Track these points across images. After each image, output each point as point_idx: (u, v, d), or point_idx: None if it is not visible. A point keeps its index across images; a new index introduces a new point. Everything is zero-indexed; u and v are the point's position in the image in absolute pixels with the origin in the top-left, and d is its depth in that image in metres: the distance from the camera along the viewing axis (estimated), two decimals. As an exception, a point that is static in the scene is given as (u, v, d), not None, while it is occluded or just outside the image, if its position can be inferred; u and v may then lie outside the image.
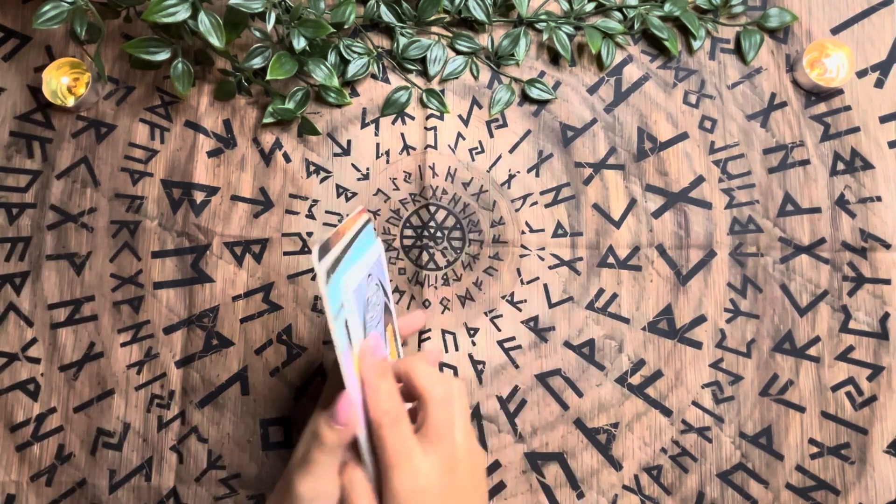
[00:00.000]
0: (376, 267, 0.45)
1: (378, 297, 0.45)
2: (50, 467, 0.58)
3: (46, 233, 0.60)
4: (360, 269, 0.41)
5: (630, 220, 0.60)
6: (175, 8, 0.51)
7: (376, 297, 0.45)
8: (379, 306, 0.45)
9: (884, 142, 0.61)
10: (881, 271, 0.59)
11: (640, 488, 0.57)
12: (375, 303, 0.44)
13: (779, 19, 0.62)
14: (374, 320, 0.44)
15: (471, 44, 0.62)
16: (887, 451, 0.57)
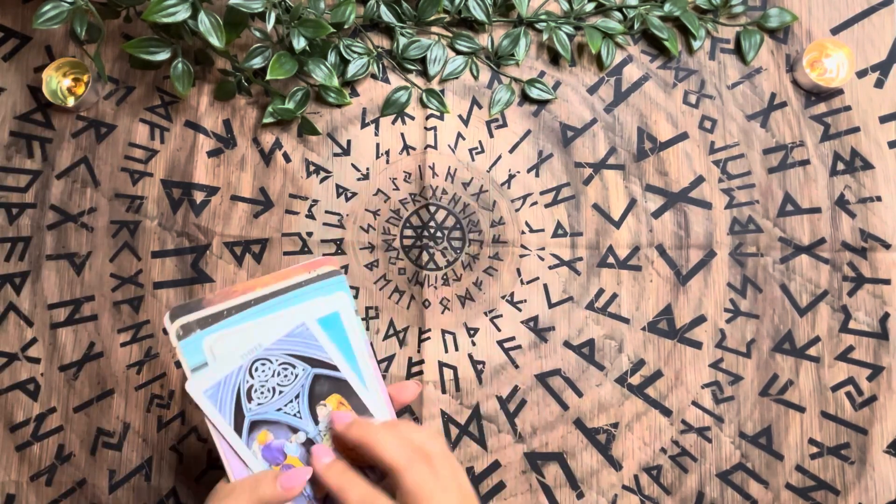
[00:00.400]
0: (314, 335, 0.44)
1: (285, 378, 0.43)
2: (50, 467, 0.58)
3: (46, 233, 0.60)
4: (248, 334, 0.42)
5: (630, 220, 0.60)
6: (175, 8, 0.51)
7: (276, 375, 0.43)
8: (287, 386, 0.43)
9: (884, 142, 0.61)
10: (881, 271, 0.59)
11: (639, 488, 0.57)
12: (274, 382, 0.43)
13: (779, 19, 0.62)
14: (279, 400, 0.43)
15: (471, 44, 0.62)
16: (887, 451, 0.57)
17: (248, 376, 0.43)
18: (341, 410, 0.43)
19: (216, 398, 0.42)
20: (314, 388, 0.43)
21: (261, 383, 0.43)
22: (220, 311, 0.43)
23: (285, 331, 0.43)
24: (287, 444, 0.43)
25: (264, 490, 0.41)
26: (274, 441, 0.43)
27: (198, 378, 0.42)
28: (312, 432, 0.43)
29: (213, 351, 0.42)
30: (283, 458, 0.43)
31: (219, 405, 0.42)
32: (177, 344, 0.42)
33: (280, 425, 0.43)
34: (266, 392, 0.43)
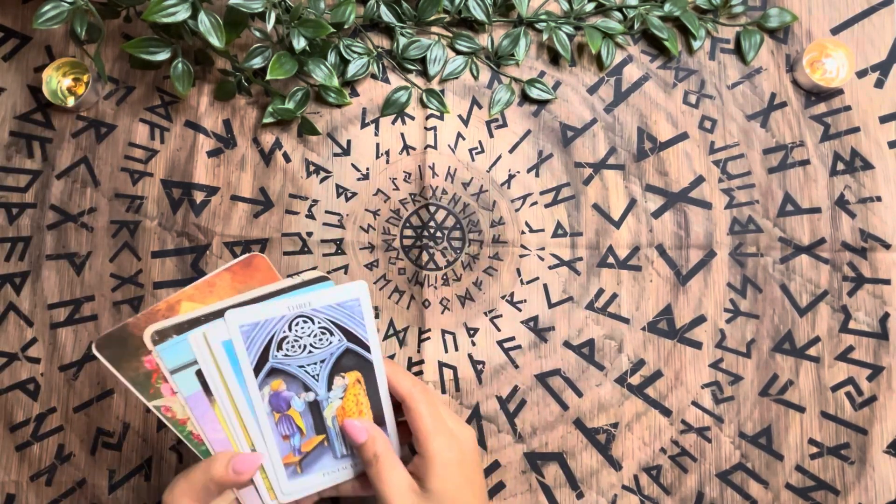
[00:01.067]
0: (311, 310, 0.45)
1: (306, 338, 0.45)
2: (50, 467, 0.58)
3: (46, 233, 0.60)
4: (234, 319, 0.44)
5: (630, 220, 0.60)
6: (175, 8, 0.51)
7: (302, 337, 0.45)
8: (318, 349, 0.45)
9: (884, 142, 0.61)
10: (881, 271, 0.59)
11: (639, 488, 0.57)
12: (304, 343, 0.45)
13: (779, 19, 0.62)
14: (310, 362, 0.45)
15: (471, 44, 0.62)
16: (887, 451, 0.57)
17: (287, 328, 0.44)
18: (358, 398, 0.46)
19: (249, 336, 0.44)
20: (341, 359, 0.45)
21: (296, 338, 0.44)
22: (198, 317, 0.44)
23: (338, 300, 0.45)
24: (295, 398, 0.45)
25: (216, 469, 0.43)
26: (285, 391, 0.45)
27: (236, 315, 0.43)
28: (322, 395, 0.45)
29: (202, 344, 0.44)
30: (287, 408, 0.45)
31: (248, 343, 0.44)
32: (154, 349, 0.43)
33: (295, 381, 0.45)
34: (297, 348, 0.45)
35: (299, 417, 0.45)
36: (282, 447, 0.45)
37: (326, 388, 0.46)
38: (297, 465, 0.45)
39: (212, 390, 0.44)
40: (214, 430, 0.45)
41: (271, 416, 0.45)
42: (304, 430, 0.46)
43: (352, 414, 0.46)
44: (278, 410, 0.45)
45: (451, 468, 0.44)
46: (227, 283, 0.45)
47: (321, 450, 0.46)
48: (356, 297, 0.45)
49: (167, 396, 0.44)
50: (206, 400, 0.44)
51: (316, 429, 0.46)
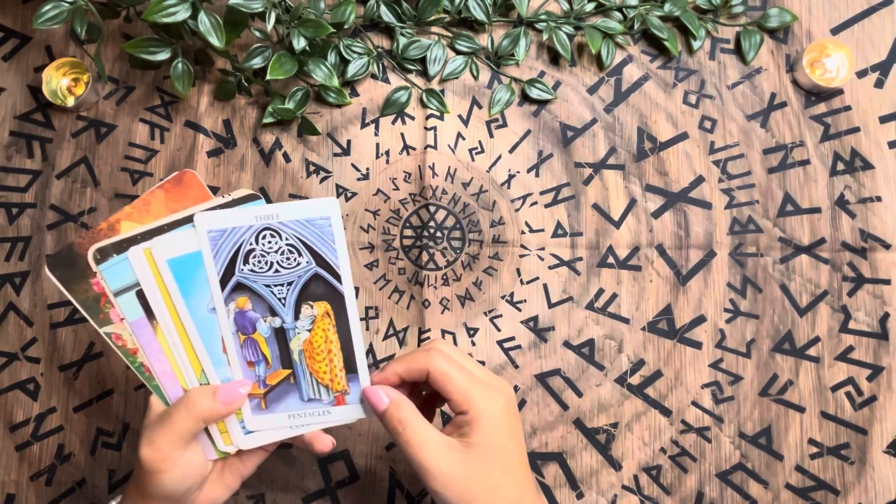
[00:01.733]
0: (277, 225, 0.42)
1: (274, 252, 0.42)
2: (50, 467, 0.58)
3: (46, 233, 0.60)
4: (189, 237, 0.41)
5: (630, 220, 0.60)
6: (175, 8, 0.51)
7: (270, 252, 0.42)
8: (287, 268, 0.42)
9: (884, 142, 0.61)
10: (881, 271, 0.59)
11: (639, 488, 0.57)
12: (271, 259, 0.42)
13: (779, 19, 0.62)
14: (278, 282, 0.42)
15: (471, 44, 0.62)
16: (887, 451, 0.57)
17: (254, 240, 0.42)
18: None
19: (216, 243, 0.41)
20: (309, 285, 0.42)
21: (262, 252, 0.42)
22: (136, 236, 0.42)
23: (307, 216, 0.41)
24: (261, 322, 0.42)
25: (203, 406, 0.41)
26: (251, 311, 0.42)
27: (205, 219, 0.41)
28: (289, 323, 0.43)
29: (144, 264, 0.41)
30: (252, 331, 0.43)
31: (212, 245, 0.41)
32: (98, 269, 0.42)
33: (261, 302, 0.43)
34: (264, 264, 0.42)
35: (265, 343, 0.43)
36: (246, 375, 0.43)
37: (293, 316, 0.43)
38: (262, 399, 0.43)
39: (155, 314, 0.42)
40: (160, 361, 0.43)
41: (236, 336, 0.42)
42: (270, 360, 0.43)
43: (320, 354, 0.43)
44: (243, 332, 0.42)
45: (496, 420, 0.41)
46: (161, 201, 0.43)
47: (287, 387, 0.44)
48: (326, 216, 0.41)
49: (116, 323, 0.42)
50: (150, 326, 0.42)
51: (282, 361, 0.44)
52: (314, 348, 0.44)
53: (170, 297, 0.42)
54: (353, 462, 0.58)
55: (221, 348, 0.43)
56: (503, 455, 0.41)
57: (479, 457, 0.41)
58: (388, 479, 0.57)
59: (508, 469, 0.41)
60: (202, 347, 0.43)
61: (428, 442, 0.41)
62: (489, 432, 0.41)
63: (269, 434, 0.45)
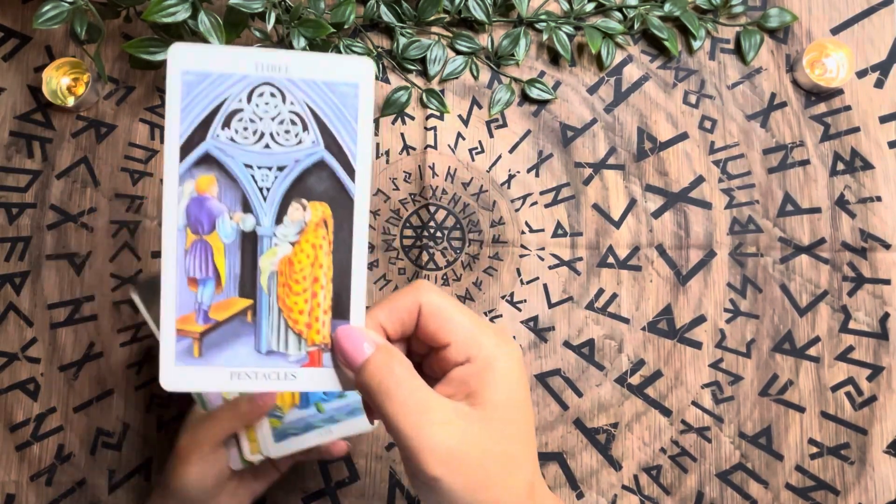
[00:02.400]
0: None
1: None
2: (50, 467, 0.58)
3: (46, 233, 0.60)
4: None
5: (630, 220, 0.60)
6: (175, 8, 0.51)
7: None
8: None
9: (884, 142, 0.61)
10: (881, 271, 0.59)
11: (639, 488, 0.57)
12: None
13: (779, 19, 0.62)
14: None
15: (471, 44, 0.62)
16: (887, 451, 0.57)
17: (245, 97, 0.30)
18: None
19: (190, 91, 0.29)
20: (308, 176, 0.30)
21: (253, 116, 0.30)
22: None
23: (328, 77, 0.30)
24: (224, 217, 0.30)
25: (242, 408, 0.46)
26: (213, 200, 0.30)
27: (181, 52, 0.29)
28: (266, 227, 0.31)
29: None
30: (209, 230, 0.30)
31: (185, 94, 0.29)
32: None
33: (233, 188, 0.30)
34: (251, 134, 0.30)
35: (222, 252, 0.30)
36: (182, 297, 0.30)
37: (274, 218, 0.30)
38: (196, 342, 0.30)
39: None
40: None
41: (183, 233, 0.30)
42: (223, 279, 0.30)
43: (302, 278, 0.31)
44: (194, 230, 0.30)
45: (514, 373, 0.31)
46: None
47: (239, 327, 0.31)
48: (354, 82, 0.30)
49: None
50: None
51: (241, 285, 0.31)
52: (294, 271, 0.31)
53: None
54: (353, 462, 0.58)
55: None
56: (524, 420, 0.31)
57: (496, 426, 0.30)
58: (388, 479, 0.57)
59: (526, 440, 0.31)
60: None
61: (430, 410, 0.29)
62: (507, 389, 0.30)
63: (296, 442, 0.47)
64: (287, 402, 0.48)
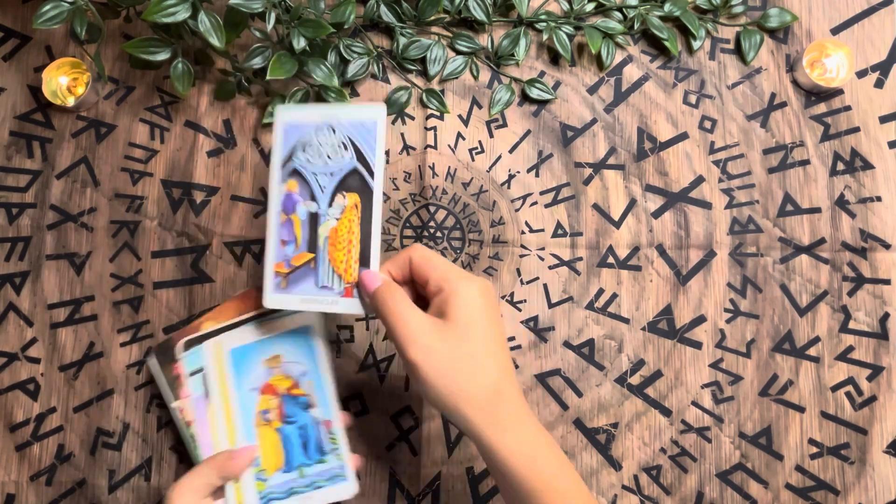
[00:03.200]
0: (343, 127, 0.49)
1: (326, 149, 0.50)
2: (50, 467, 0.58)
3: (46, 233, 0.60)
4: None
5: (630, 220, 0.60)
6: (175, 8, 0.51)
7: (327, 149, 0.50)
8: (334, 160, 0.49)
9: (884, 142, 0.61)
10: (881, 271, 0.59)
11: (639, 488, 0.57)
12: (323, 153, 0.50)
13: (779, 19, 0.62)
14: (326, 173, 0.49)
15: (471, 44, 0.62)
16: (887, 451, 0.57)
17: (314, 134, 0.49)
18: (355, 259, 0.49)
19: (287, 134, 0.50)
20: (347, 178, 0.49)
21: (318, 145, 0.49)
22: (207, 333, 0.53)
23: (360, 117, 0.49)
24: (300, 204, 0.49)
25: (218, 460, 0.50)
26: (296, 194, 0.50)
27: (284, 111, 0.50)
28: (322, 209, 0.49)
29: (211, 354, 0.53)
30: (292, 211, 0.49)
31: (284, 135, 0.50)
32: (181, 356, 0.53)
33: (306, 187, 0.49)
34: (316, 157, 0.49)
35: (299, 225, 0.49)
36: (277, 252, 0.50)
37: (328, 203, 0.49)
38: (284, 279, 0.49)
39: (210, 392, 0.52)
40: (205, 433, 0.52)
41: (279, 215, 0.50)
42: (299, 241, 0.49)
43: (342, 241, 0.48)
44: (285, 211, 0.50)
45: (473, 300, 0.43)
46: (232, 308, 0.54)
47: (307, 271, 0.49)
48: (374, 119, 0.48)
49: (182, 399, 0.53)
50: (205, 402, 0.52)
51: (309, 245, 0.49)
52: (338, 237, 0.49)
53: (224, 379, 0.52)
54: (353, 462, 0.58)
55: (253, 422, 0.52)
56: (484, 333, 0.43)
57: (459, 333, 0.42)
58: (388, 479, 0.57)
59: (490, 349, 0.43)
60: (239, 416, 0.52)
61: (413, 318, 0.43)
62: (467, 310, 0.43)
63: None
64: (272, 465, 0.52)
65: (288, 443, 0.52)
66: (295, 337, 0.53)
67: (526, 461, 0.42)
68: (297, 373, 0.53)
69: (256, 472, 0.52)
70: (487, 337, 0.43)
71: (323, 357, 0.53)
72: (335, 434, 0.52)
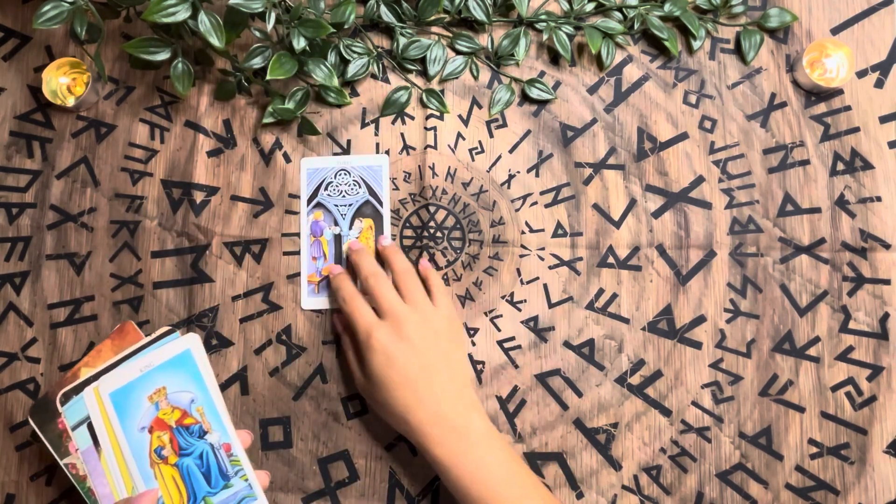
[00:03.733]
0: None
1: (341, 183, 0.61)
2: (50, 467, 0.58)
3: (46, 233, 0.60)
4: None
5: (630, 220, 0.60)
6: (175, 8, 0.51)
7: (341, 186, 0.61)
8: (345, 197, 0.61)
9: (884, 142, 0.61)
10: (881, 271, 0.59)
11: (639, 488, 0.57)
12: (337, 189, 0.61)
13: (779, 19, 0.62)
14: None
15: (471, 44, 0.62)
16: (887, 451, 0.57)
17: (333, 176, 0.61)
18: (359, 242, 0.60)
19: (311, 177, 0.61)
20: (361, 206, 0.60)
21: (337, 184, 0.61)
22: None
23: (368, 163, 0.61)
24: (327, 229, 0.60)
25: None
26: (321, 221, 0.60)
27: (309, 161, 0.61)
28: (345, 232, 0.60)
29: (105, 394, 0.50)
30: (320, 234, 0.60)
31: (309, 182, 0.61)
32: (62, 409, 0.49)
33: (329, 216, 0.60)
34: (337, 193, 0.60)
35: (326, 245, 0.60)
36: (309, 266, 0.60)
37: (349, 227, 0.60)
38: (316, 286, 0.60)
39: (99, 442, 0.49)
40: (102, 485, 0.49)
41: (309, 237, 0.60)
42: (327, 257, 0.60)
43: None
44: (314, 235, 0.60)
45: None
46: (109, 348, 0.52)
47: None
48: (380, 165, 0.61)
49: (72, 454, 0.49)
50: (96, 453, 0.49)
51: (336, 258, 0.60)
52: None
53: (110, 425, 0.49)
54: (353, 462, 0.58)
55: (148, 463, 0.50)
56: (442, 340, 0.54)
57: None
58: (388, 479, 0.57)
59: (441, 354, 0.53)
60: (132, 460, 0.49)
61: (363, 310, 0.54)
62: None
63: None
64: (175, 499, 0.50)
65: (188, 476, 0.50)
66: (175, 364, 0.50)
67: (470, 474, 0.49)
68: (186, 402, 0.50)
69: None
70: (439, 345, 0.53)
71: (209, 378, 0.50)
72: (236, 455, 0.50)
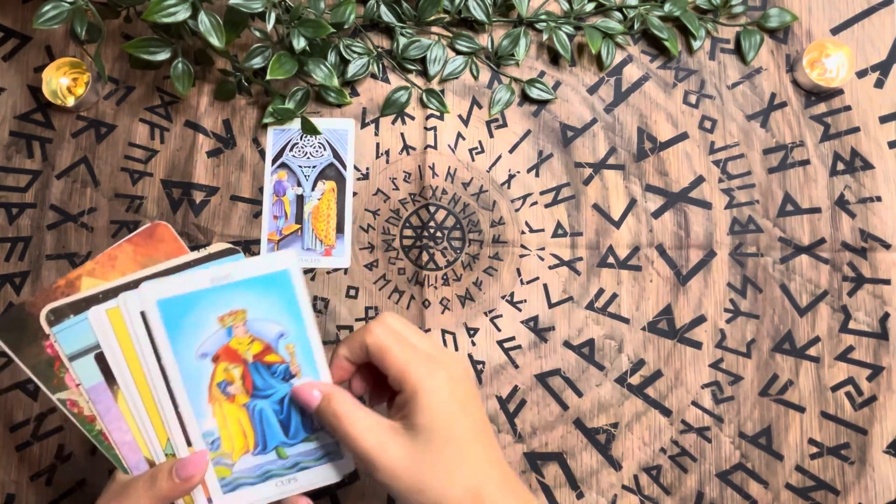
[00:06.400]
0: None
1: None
2: (50, 467, 0.58)
3: (46, 233, 0.60)
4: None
5: (630, 220, 0.60)
6: (175, 8, 0.51)
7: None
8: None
9: (884, 142, 0.61)
10: (881, 271, 0.59)
11: (639, 488, 0.57)
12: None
13: (779, 19, 0.62)
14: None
15: (471, 44, 0.62)
16: (887, 451, 0.57)
17: (299, 137, 0.60)
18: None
19: (277, 138, 0.60)
20: (325, 169, 0.60)
21: (303, 145, 0.60)
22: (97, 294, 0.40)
23: (334, 126, 0.60)
24: (289, 189, 0.59)
25: (161, 485, 0.39)
26: (285, 181, 0.60)
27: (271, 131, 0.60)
28: (307, 192, 0.60)
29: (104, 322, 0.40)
30: (283, 194, 0.59)
31: (276, 139, 0.60)
32: (51, 331, 0.39)
33: (293, 176, 0.60)
34: (301, 154, 0.60)
35: (289, 204, 0.59)
36: (271, 225, 0.59)
37: (311, 188, 0.59)
38: (276, 245, 0.58)
39: (116, 378, 0.39)
40: (120, 430, 0.40)
41: (271, 196, 0.59)
42: (288, 215, 0.59)
43: (322, 217, 0.59)
44: (277, 194, 0.59)
45: (437, 396, 0.38)
46: (129, 255, 0.40)
47: (294, 238, 0.59)
48: (345, 129, 0.60)
49: (71, 388, 0.40)
50: (109, 391, 0.39)
51: (296, 218, 0.59)
52: (319, 212, 0.59)
53: (136, 359, 0.39)
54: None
55: (206, 397, 0.40)
56: (452, 437, 0.38)
57: (424, 440, 0.37)
58: (388, 479, 0.57)
59: (461, 453, 0.38)
60: (186, 398, 0.40)
61: (367, 431, 0.38)
62: (431, 411, 0.37)
63: (250, 494, 0.42)
64: (238, 448, 0.41)
65: (260, 420, 0.41)
66: (265, 285, 0.40)
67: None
68: (272, 334, 0.40)
69: (215, 457, 0.41)
70: (457, 442, 0.38)
71: (307, 312, 0.41)
72: None
